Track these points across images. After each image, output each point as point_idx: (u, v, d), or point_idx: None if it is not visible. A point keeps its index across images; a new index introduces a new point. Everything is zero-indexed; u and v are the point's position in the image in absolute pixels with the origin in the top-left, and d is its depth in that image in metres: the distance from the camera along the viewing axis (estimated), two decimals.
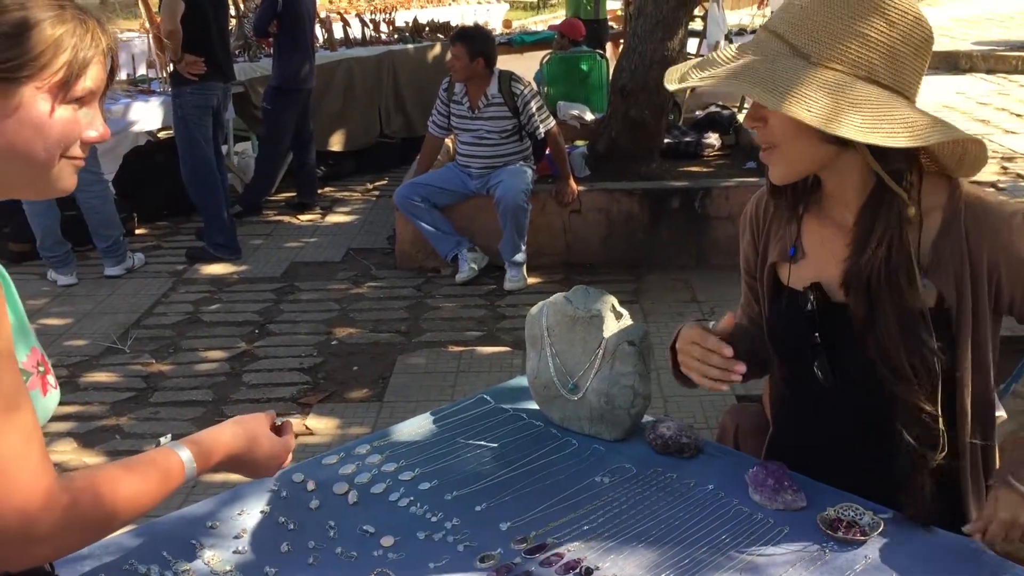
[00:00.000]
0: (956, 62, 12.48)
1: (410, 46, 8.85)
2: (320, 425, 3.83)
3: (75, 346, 4.64)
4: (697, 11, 8.24)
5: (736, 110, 7.51)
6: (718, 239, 5.48)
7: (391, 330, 4.80)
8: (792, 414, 1.75)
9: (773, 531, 1.50)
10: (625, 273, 5.46)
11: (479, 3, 14.19)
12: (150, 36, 7.22)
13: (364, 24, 9.19)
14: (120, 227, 5.71)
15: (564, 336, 1.80)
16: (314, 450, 3.32)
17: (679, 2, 5.91)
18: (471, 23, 8.09)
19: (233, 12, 7.64)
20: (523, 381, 1.96)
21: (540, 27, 12.78)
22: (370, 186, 7.82)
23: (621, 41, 8.26)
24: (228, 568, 1.42)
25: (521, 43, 9.66)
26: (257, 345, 4.66)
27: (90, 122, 1.16)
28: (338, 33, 8.71)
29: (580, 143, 6.53)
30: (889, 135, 1.37)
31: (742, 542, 1.47)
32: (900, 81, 1.43)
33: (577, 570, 1.42)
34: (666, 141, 6.48)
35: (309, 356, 4.51)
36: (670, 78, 1.52)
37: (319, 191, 7.28)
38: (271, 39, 6.78)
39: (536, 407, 1.90)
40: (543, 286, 5.26)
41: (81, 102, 1.15)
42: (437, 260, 5.55)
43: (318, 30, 7.73)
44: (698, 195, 5.58)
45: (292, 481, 1.67)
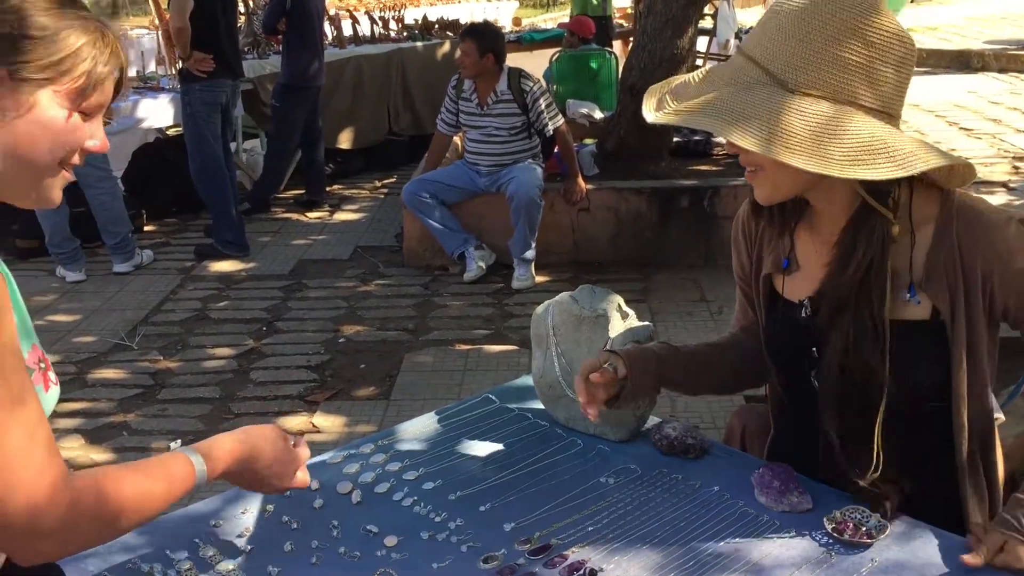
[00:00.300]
0: (968, 61, 12.42)
1: (419, 44, 8.85)
2: (327, 423, 3.83)
3: (83, 343, 4.65)
4: (707, 9, 8.22)
5: None
6: (727, 238, 5.33)
7: (398, 328, 4.80)
8: (790, 420, 1.74)
9: (779, 533, 1.49)
10: (633, 272, 5.44)
11: (488, 0, 14.18)
12: (159, 33, 7.24)
13: (373, 21, 9.19)
14: (129, 224, 5.72)
15: (570, 336, 1.79)
16: (321, 448, 3.30)
17: (689, 0, 5.89)
18: (481, 20, 8.07)
19: (242, 9, 7.65)
20: (528, 380, 1.95)
21: (550, 25, 12.76)
22: (378, 184, 7.82)
23: (630, 39, 8.23)
24: (231, 567, 1.42)
25: (531, 41, 9.65)
26: (265, 342, 4.67)
27: (92, 133, 1.18)
28: (347, 30, 8.72)
29: (589, 141, 6.50)
30: (871, 167, 1.34)
31: (747, 544, 1.46)
32: (883, 101, 1.39)
33: (581, 571, 1.41)
34: (675, 140, 6.45)
35: (316, 354, 4.51)
36: (648, 103, 1.49)
37: (327, 188, 7.30)
38: (280, 36, 6.79)
39: (541, 407, 1.89)
40: (551, 285, 5.25)
41: (89, 113, 1.17)
42: (445, 258, 5.55)
43: (327, 27, 7.74)
44: (707, 194, 5.56)
45: None
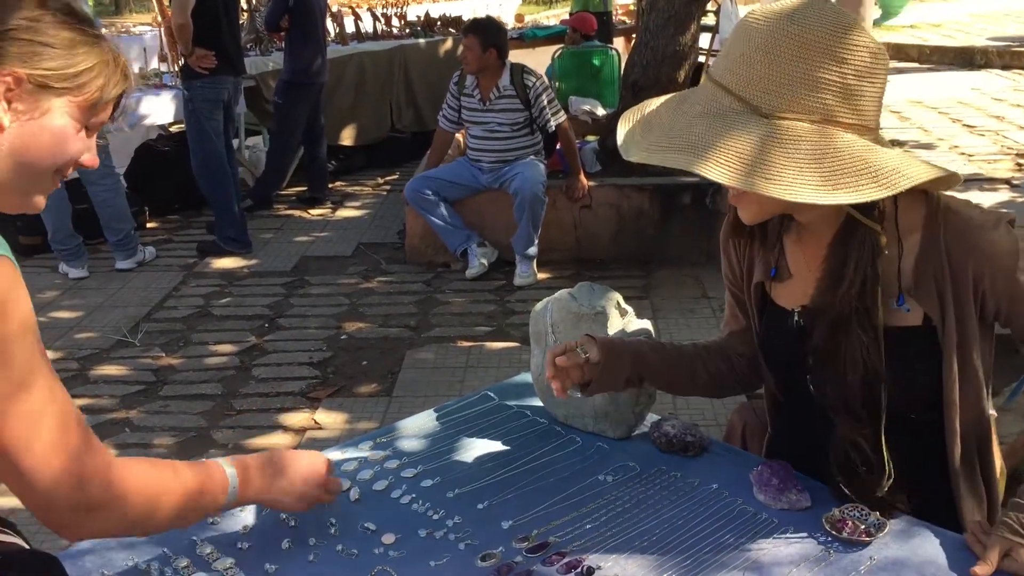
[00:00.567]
0: (971, 58, 12.39)
1: (421, 40, 8.84)
2: (329, 419, 3.83)
3: (86, 339, 4.66)
4: (710, 6, 8.19)
5: None
6: None
7: (400, 325, 4.80)
8: (786, 420, 1.73)
9: (777, 531, 1.49)
10: (635, 269, 5.44)
11: None
12: (162, 30, 7.24)
13: (376, 18, 9.18)
14: (131, 221, 5.72)
15: (569, 333, 1.79)
16: (322, 445, 3.32)
17: None
18: (483, 16, 8.06)
19: (244, 6, 7.65)
20: (527, 378, 1.95)
21: (552, 21, 12.73)
22: (381, 181, 7.82)
23: (633, 36, 8.22)
24: (228, 565, 1.42)
25: (533, 37, 9.62)
26: (267, 339, 4.67)
27: (88, 148, 1.23)
28: (350, 27, 8.72)
29: (591, 138, 6.50)
30: (854, 190, 1.31)
31: (746, 542, 1.46)
32: (860, 114, 1.36)
33: (579, 569, 1.41)
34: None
35: (318, 350, 4.51)
36: (620, 132, 1.48)
37: (330, 185, 7.29)
38: (282, 33, 6.79)
39: (540, 404, 1.89)
40: (553, 281, 5.25)
41: (91, 129, 1.22)
42: (447, 255, 5.55)
43: (329, 24, 7.73)
44: (709, 191, 5.55)
45: None
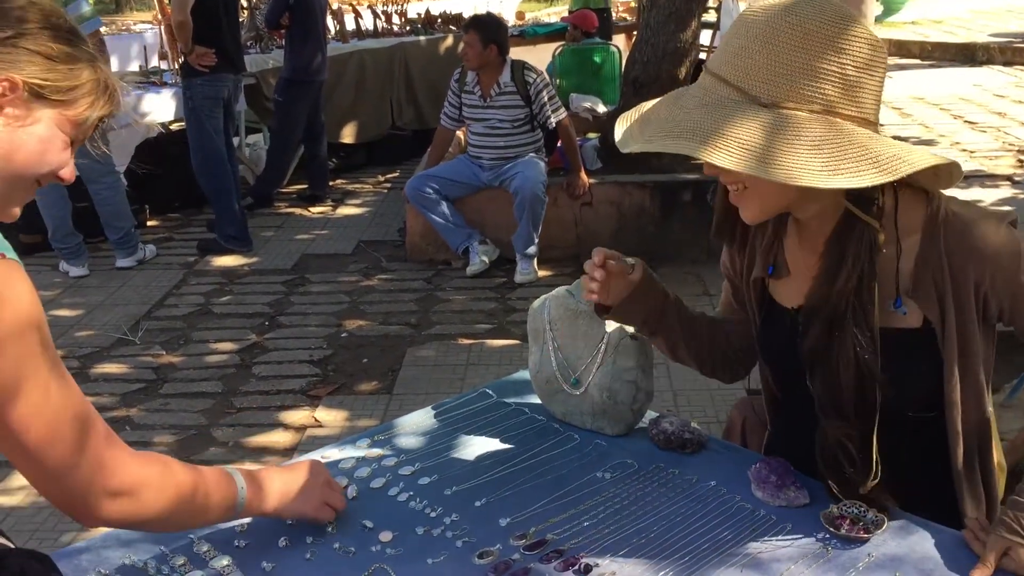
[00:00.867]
0: (973, 54, 12.37)
1: (422, 38, 8.83)
2: (329, 417, 3.83)
3: (86, 337, 4.66)
4: (711, 2, 8.18)
5: None
6: None
7: (401, 322, 4.80)
8: (784, 419, 1.73)
9: (776, 528, 1.48)
10: None
11: None
12: (162, 27, 7.23)
13: (376, 16, 9.17)
14: (132, 219, 5.72)
15: (566, 330, 1.79)
16: (323, 442, 3.32)
17: None
18: (484, 12, 8.05)
19: (244, 3, 7.64)
20: (525, 375, 1.95)
21: (553, 19, 12.72)
22: (381, 178, 7.81)
23: (634, 33, 8.20)
24: (225, 563, 1.41)
25: (534, 35, 9.60)
26: (267, 337, 4.67)
27: (68, 162, 1.24)
28: (350, 25, 8.70)
29: (592, 135, 6.49)
30: (855, 175, 1.30)
31: (744, 539, 1.46)
32: (860, 106, 1.35)
33: (576, 567, 1.41)
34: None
35: (319, 348, 4.51)
36: (619, 130, 1.47)
37: (330, 183, 7.29)
38: (282, 31, 6.78)
39: (538, 401, 1.89)
40: (554, 279, 5.25)
41: (73, 143, 1.24)
42: (447, 252, 5.54)
43: (330, 22, 7.73)
44: (710, 188, 5.51)
45: None
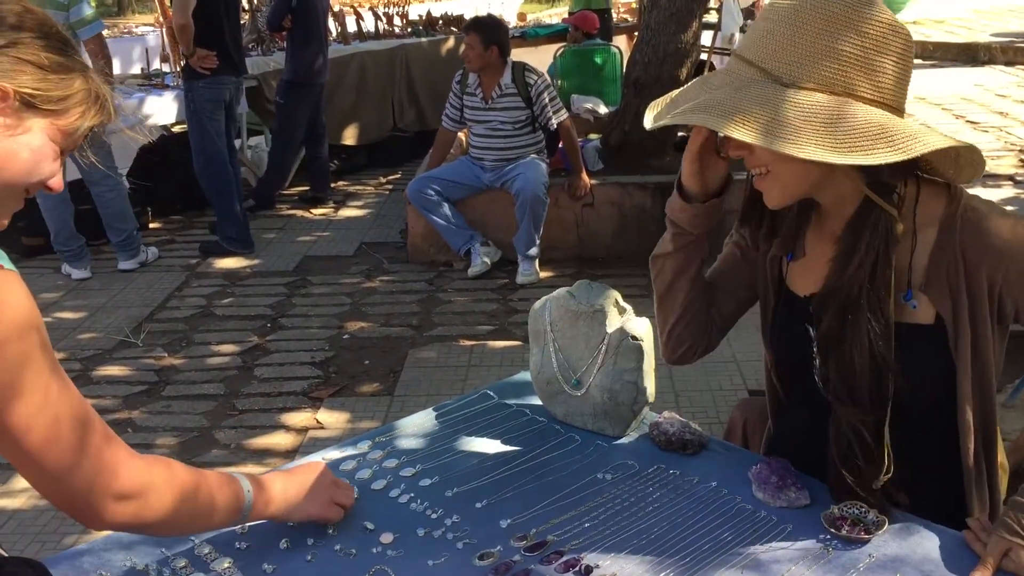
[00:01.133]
0: (975, 54, 12.36)
1: (423, 39, 8.84)
2: (331, 419, 3.83)
3: (88, 340, 4.67)
4: (712, 3, 8.19)
5: None
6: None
7: (403, 324, 4.80)
8: (788, 418, 1.72)
9: (776, 529, 1.48)
10: (637, 267, 5.40)
11: None
12: (164, 30, 7.24)
13: (377, 18, 9.18)
14: (134, 221, 5.73)
15: (567, 331, 1.79)
16: (325, 444, 3.32)
17: None
18: (485, 14, 8.06)
19: (245, 6, 7.64)
20: (526, 376, 1.95)
21: (554, 20, 12.72)
22: (383, 180, 7.82)
23: (635, 34, 8.20)
24: (226, 564, 1.41)
25: (535, 36, 9.61)
26: (269, 339, 4.67)
27: (57, 172, 1.24)
28: (351, 27, 8.71)
29: (593, 136, 6.49)
30: (867, 152, 1.31)
31: (745, 540, 1.45)
32: (882, 93, 1.36)
33: (577, 568, 1.41)
34: (679, 134, 6.43)
35: (321, 350, 4.52)
36: (648, 116, 1.49)
37: (332, 185, 7.29)
38: (284, 33, 6.79)
39: (539, 403, 1.89)
40: (555, 280, 5.25)
41: (63, 152, 1.23)
42: (449, 254, 5.55)
43: (331, 24, 7.73)
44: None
45: None
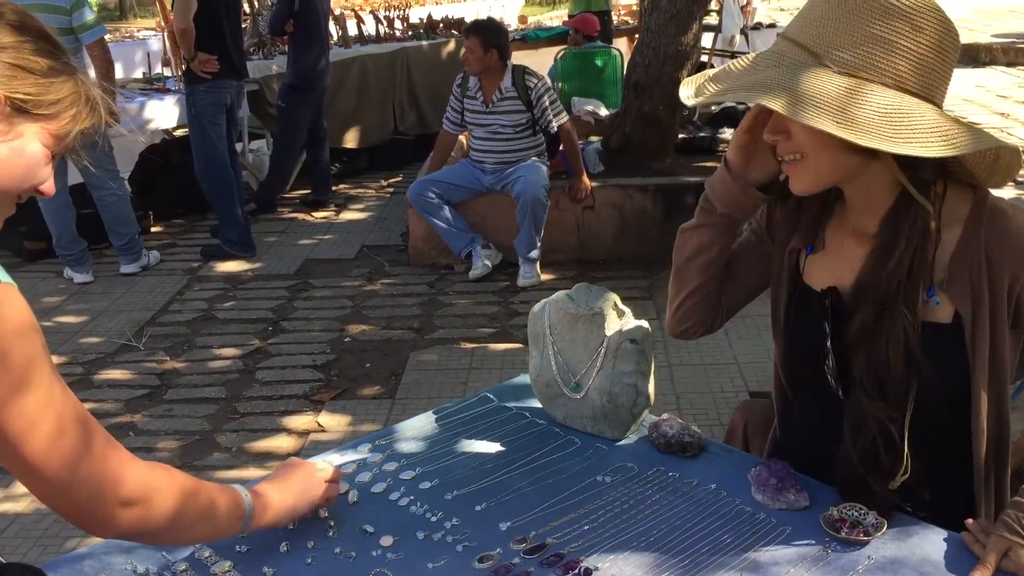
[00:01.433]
0: (976, 55, 12.37)
1: (424, 43, 8.85)
2: (332, 422, 3.83)
3: (90, 343, 4.67)
4: (712, 5, 8.19)
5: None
6: None
7: (404, 327, 4.81)
8: (795, 420, 1.71)
9: (776, 531, 1.48)
10: (638, 269, 5.44)
11: None
12: (165, 34, 7.26)
13: (378, 21, 9.19)
14: (136, 225, 5.74)
15: (566, 334, 1.79)
16: (326, 447, 3.33)
17: None
18: (485, 18, 8.07)
19: (247, 10, 7.65)
20: (526, 379, 1.95)
21: (555, 23, 12.73)
22: (384, 183, 7.82)
23: (636, 36, 8.21)
24: (226, 568, 1.42)
25: (536, 39, 9.63)
26: (271, 342, 4.68)
27: (49, 176, 1.24)
28: (352, 30, 8.72)
29: (594, 139, 6.49)
30: (923, 145, 1.30)
31: (744, 542, 1.46)
32: (929, 88, 1.35)
33: (576, 570, 1.41)
34: (680, 136, 6.44)
35: (322, 353, 4.52)
36: (686, 92, 1.47)
37: (333, 188, 7.30)
38: (286, 36, 6.80)
39: (539, 406, 1.89)
40: (556, 283, 5.25)
41: (54, 157, 1.23)
42: (450, 257, 5.55)
43: (332, 27, 7.74)
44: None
45: None
